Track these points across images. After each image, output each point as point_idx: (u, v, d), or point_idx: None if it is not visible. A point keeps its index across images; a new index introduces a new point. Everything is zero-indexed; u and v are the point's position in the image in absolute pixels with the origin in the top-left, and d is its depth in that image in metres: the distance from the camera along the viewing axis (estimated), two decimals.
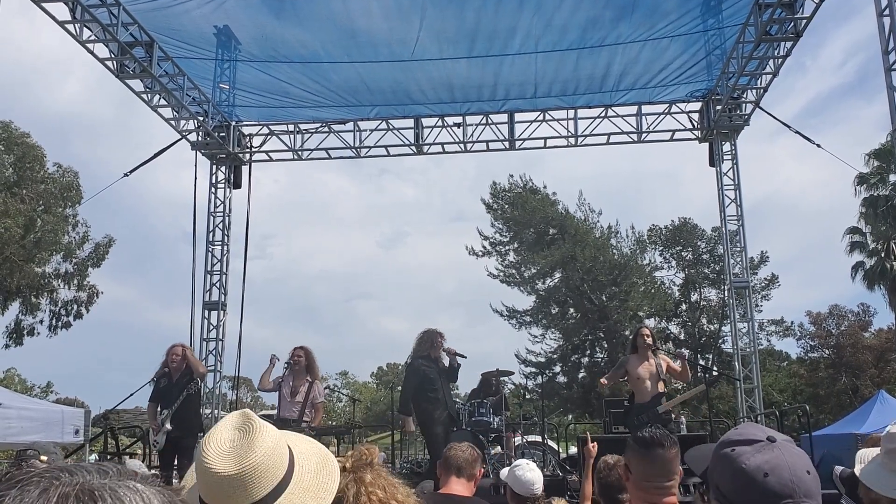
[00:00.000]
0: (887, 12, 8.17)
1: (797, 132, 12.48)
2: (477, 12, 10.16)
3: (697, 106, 13.15)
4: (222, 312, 13.42)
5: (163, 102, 12.08)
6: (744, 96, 12.43)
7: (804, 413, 10.93)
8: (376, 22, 10.39)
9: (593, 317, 32.27)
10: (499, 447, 9.67)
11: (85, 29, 9.99)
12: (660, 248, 34.58)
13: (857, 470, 2.30)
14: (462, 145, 13.54)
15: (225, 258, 13.68)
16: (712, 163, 13.18)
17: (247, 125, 13.85)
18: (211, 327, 13.33)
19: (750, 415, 12.16)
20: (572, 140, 13.29)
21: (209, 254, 13.54)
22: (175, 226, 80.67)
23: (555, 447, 14.20)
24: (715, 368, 19.16)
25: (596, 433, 14.28)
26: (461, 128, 13.38)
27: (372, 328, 76.16)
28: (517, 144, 13.46)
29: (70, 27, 9.83)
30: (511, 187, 34.06)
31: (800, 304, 63.42)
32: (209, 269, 13.47)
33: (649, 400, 7.70)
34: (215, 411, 12.95)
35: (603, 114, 13.16)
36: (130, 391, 8.66)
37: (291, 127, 13.80)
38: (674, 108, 13.17)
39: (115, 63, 10.60)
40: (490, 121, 13.33)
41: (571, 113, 13.21)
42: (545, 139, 13.43)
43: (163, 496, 0.82)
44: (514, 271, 33.86)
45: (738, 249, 12.96)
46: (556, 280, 33.14)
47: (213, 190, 13.83)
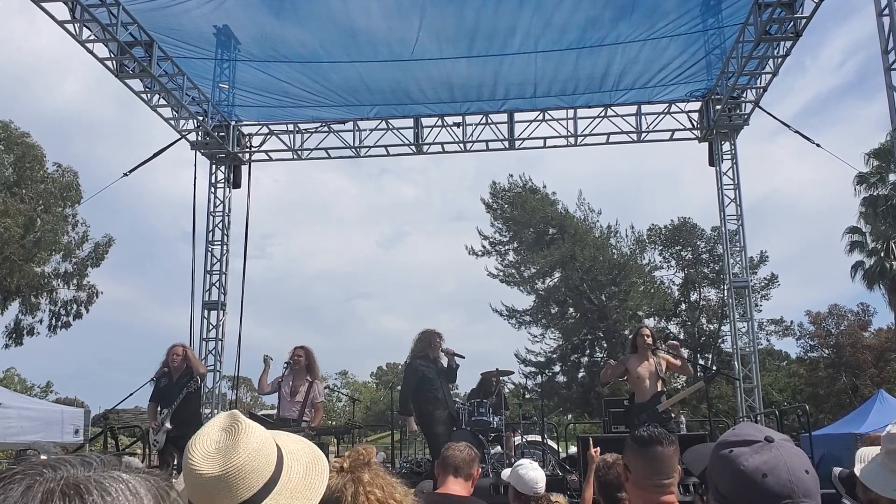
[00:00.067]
0: (887, 12, 8.17)
1: (797, 132, 12.50)
2: (476, 11, 10.16)
3: (697, 105, 13.15)
4: (222, 312, 13.43)
5: (162, 102, 12.08)
6: (743, 96, 12.43)
7: (804, 412, 10.93)
8: (376, 21, 10.39)
9: (593, 316, 32.27)
10: (498, 447, 9.67)
11: (84, 28, 9.99)
12: (659, 248, 34.59)
13: (857, 469, 2.30)
14: (462, 145, 13.54)
15: (224, 258, 13.69)
16: (712, 162, 13.18)
17: (246, 125, 13.86)
18: (210, 327, 13.34)
19: (749, 414, 12.16)
20: (572, 140, 13.30)
21: (209, 253, 13.55)
22: (174, 225, 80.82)
23: (554, 447, 14.20)
24: (714, 367, 19.15)
25: (595, 433, 14.30)
26: (461, 127, 13.38)
27: (372, 328, 76.24)
28: (517, 144, 13.46)
29: (69, 27, 9.82)
30: (511, 187, 34.06)
31: (799, 304, 63.40)
32: (209, 269, 13.48)
33: (649, 399, 7.73)
34: (215, 411, 12.95)
35: (602, 113, 13.16)
36: (130, 391, 8.63)
37: (291, 126, 13.80)
38: (673, 108, 13.17)
39: (115, 63, 10.60)
40: (490, 120, 13.33)
41: (571, 112, 13.22)
42: (545, 139, 13.44)
43: (149, 483, 0.81)
44: (514, 271, 33.86)
45: (738, 249, 12.96)
46: (556, 280, 33.14)
47: (213, 189, 13.84)
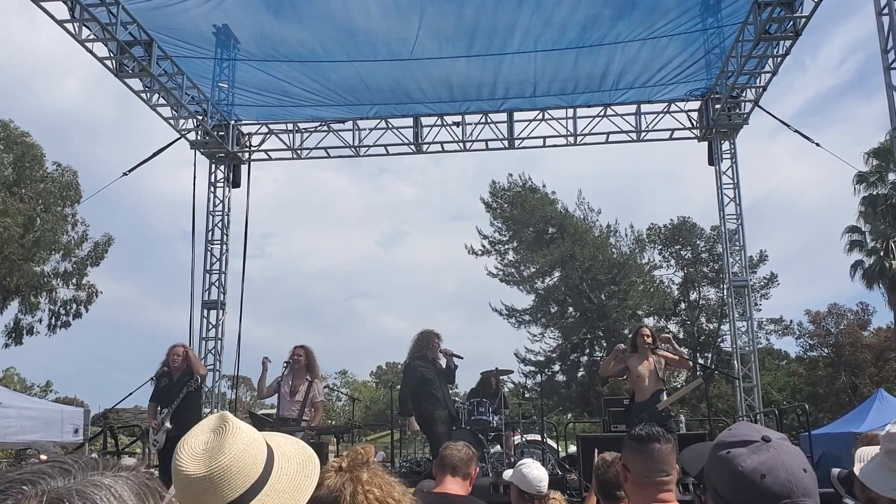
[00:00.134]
0: (886, 11, 8.17)
1: (796, 131, 12.49)
2: (476, 10, 10.15)
3: (696, 105, 13.15)
4: (221, 311, 13.42)
5: (162, 101, 12.07)
6: (743, 95, 12.42)
7: (803, 412, 10.93)
8: (375, 21, 10.38)
9: (592, 315, 32.27)
10: (498, 446, 9.67)
11: (84, 28, 9.98)
12: (659, 247, 34.59)
13: (857, 469, 2.29)
14: (461, 144, 13.54)
15: (224, 257, 13.69)
16: (711, 161, 13.18)
17: (246, 124, 13.85)
18: (210, 326, 13.34)
19: (749, 413, 12.16)
20: (571, 139, 13.29)
21: (208, 253, 13.54)
22: (174, 225, 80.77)
23: (554, 446, 14.21)
24: (713, 365, 19.16)
25: (595, 432, 14.31)
26: (460, 127, 13.38)
27: (371, 327, 76.16)
28: (516, 143, 13.46)
29: (69, 26, 9.81)
30: (510, 186, 34.05)
31: (799, 303, 63.26)
32: (208, 268, 13.48)
33: (649, 398, 7.75)
34: (215, 410, 12.95)
35: (602, 113, 13.16)
36: (130, 390, 8.62)
37: (290, 126, 13.80)
38: (673, 107, 13.17)
39: (115, 62, 10.59)
40: (489, 120, 13.33)
41: (570, 112, 13.21)
42: (544, 138, 13.43)
43: (130, 482, 0.80)
44: (514, 270, 33.86)
45: (738, 248, 12.96)
46: (556, 279, 33.14)
47: (213, 189, 13.84)
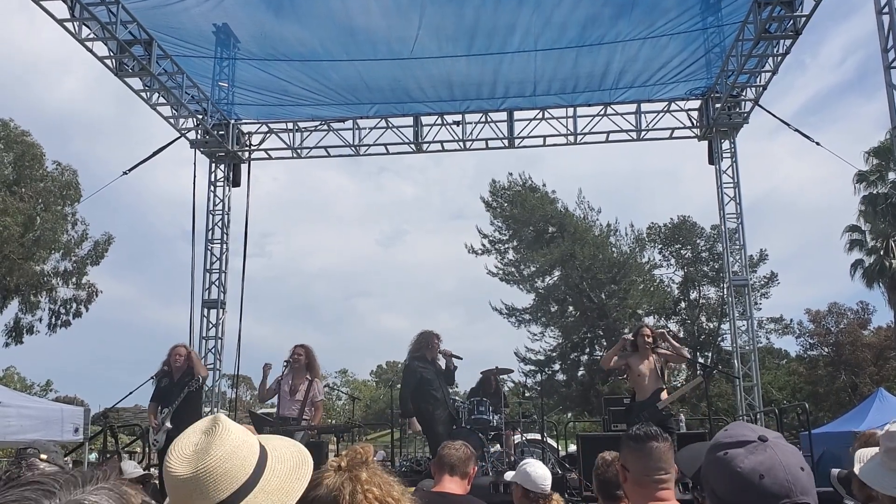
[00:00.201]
0: (886, 10, 8.17)
1: (796, 130, 12.50)
2: (476, 10, 10.15)
3: (697, 104, 13.15)
4: (222, 311, 13.43)
5: (162, 101, 12.07)
6: (743, 94, 12.42)
7: (803, 411, 10.92)
8: (375, 20, 10.38)
9: (592, 315, 32.26)
10: (498, 445, 9.67)
11: (84, 27, 9.97)
12: (659, 246, 34.59)
13: (857, 469, 2.30)
14: (461, 143, 13.54)
15: (224, 256, 13.69)
16: (711, 161, 13.18)
17: (246, 123, 13.85)
18: (210, 325, 13.35)
19: (749, 412, 12.18)
20: (571, 138, 13.29)
21: (208, 252, 13.55)
22: (174, 224, 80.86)
23: (554, 445, 14.21)
24: (713, 365, 19.16)
25: (595, 431, 14.31)
26: (460, 126, 13.38)
27: (371, 326, 76.15)
28: (516, 142, 13.46)
29: (69, 25, 9.81)
30: (510, 185, 34.04)
31: (799, 302, 63.35)
32: (208, 268, 13.48)
33: (649, 396, 7.78)
34: (215, 409, 12.96)
35: (602, 112, 13.16)
36: (130, 389, 8.61)
37: (291, 125, 13.80)
38: (673, 106, 13.17)
39: (114, 61, 10.58)
40: (489, 119, 13.33)
41: (571, 111, 13.22)
42: (544, 137, 13.43)
43: (113, 493, 0.80)
44: (514, 269, 33.86)
45: (738, 247, 12.96)
46: (556, 278, 33.13)
47: (213, 188, 13.84)
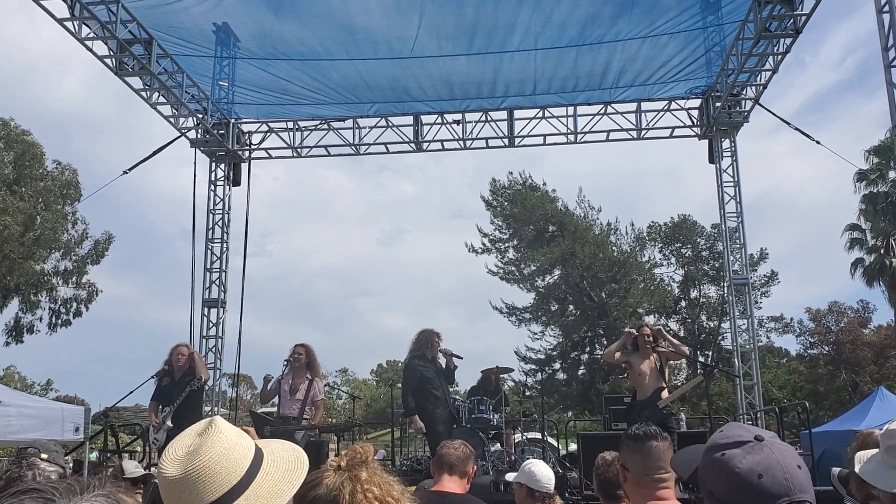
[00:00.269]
0: (887, 9, 8.17)
1: (797, 129, 12.50)
2: (476, 9, 10.15)
3: (697, 103, 13.15)
4: (222, 310, 13.44)
5: (162, 100, 12.07)
6: (743, 93, 12.42)
7: (804, 409, 10.93)
8: (375, 19, 10.38)
9: (593, 314, 32.25)
10: (498, 444, 9.67)
11: (84, 26, 9.97)
12: (659, 245, 34.58)
13: (857, 469, 2.30)
14: (461, 142, 13.54)
15: (224, 255, 13.70)
16: (712, 159, 13.18)
17: (246, 122, 13.85)
18: (211, 325, 13.36)
19: (749, 411, 12.18)
20: (572, 137, 13.29)
21: (209, 251, 13.56)
22: (174, 223, 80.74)
23: (554, 444, 14.21)
24: (713, 364, 19.16)
25: (596, 430, 14.30)
26: (460, 125, 13.38)
27: (372, 325, 76.06)
28: (517, 141, 13.46)
29: (69, 24, 9.81)
30: (510, 184, 34.02)
31: (799, 301, 63.29)
32: (209, 267, 13.49)
33: (650, 395, 7.80)
34: (215, 409, 12.97)
35: (602, 111, 13.16)
36: (130, 388, 8.62)
37: (291, 124, 13.80)
38: (673, 105, 13.17)
39: (114, 60, 10.58)
40: (489, 118, 13.33)
41: (571, 110, 13.22)
42: (544, 136, 13.43)
43: (109, 499, 0.81)
44: (514, 268, 33.84)
45: (738, 246, 12.96)
46: (556, 277, 33.12)
47: (213, 187, 13.85)
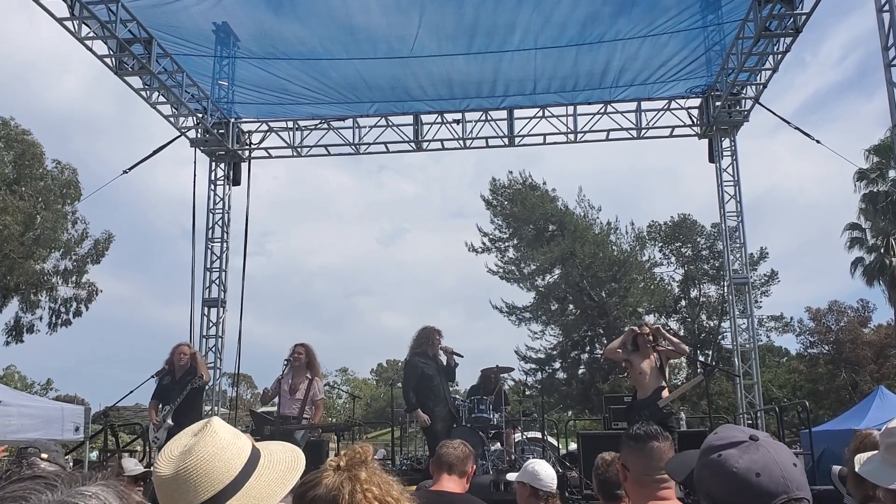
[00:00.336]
0: (887, 8, 8.16)
1: (797, 128, 12.50)
2: (476, 8, 10.15)
3: (697, 102, 13.14)
4: (222, 309, 13.44)
5: (162, 99, 12.07)
6: (743, 92, 12.41)
7: (804, 409, 10.94)
8: (375, 18, 10.38)
9: (593, 313, 32.26)
10: (498, 443, 9.67)
11: (83, 26, 9.97)
12: (659, 245, 34.59)
13: (857, 469, 2.31)
14: (461, 142, 13.54)
15: (224, 255, 13.70)
16: (712, 159, 13.18)
17: (246, 122, 13.85)
18: (211, 324, 13.35)
19: (749, 411, 12.19)
20: (572, 136, 13.30)
21: (209, 251, 13.56)
22: (174, 223, 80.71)
23: (554, 443, 14.23)
24: (713, 362, 19.17)
25: (596, 429, 14.32)
26: (460, 124, 13.38)
27: (372, 324, 76.10)
28: (516, 141, 13.46)
29: (68, 24, 9.80)
30: (510, 184, 34.02)
31: (799, 300, 63.37)
32: (209, 266, 13.48)
33: (650, 394, 7.79)
34: (216, 408, 12.97)
35: (602, 110, 13.16)
36: (130, 388, 8.63)
37: (291, 124, 13.80)
38: (673, 105, 13.16)
39: (114, 60, 10.58)
40: (489, 117, 13.33)
41: (571, 109, 13.22)
42: (544, 135, 13.43)
43: (112, 489, 0.82)
44: (514, 267, 33.85)
45: (738, 245, 12.96)
46: (556, 276, 33.12)
47: (213, 187, 13.84)
